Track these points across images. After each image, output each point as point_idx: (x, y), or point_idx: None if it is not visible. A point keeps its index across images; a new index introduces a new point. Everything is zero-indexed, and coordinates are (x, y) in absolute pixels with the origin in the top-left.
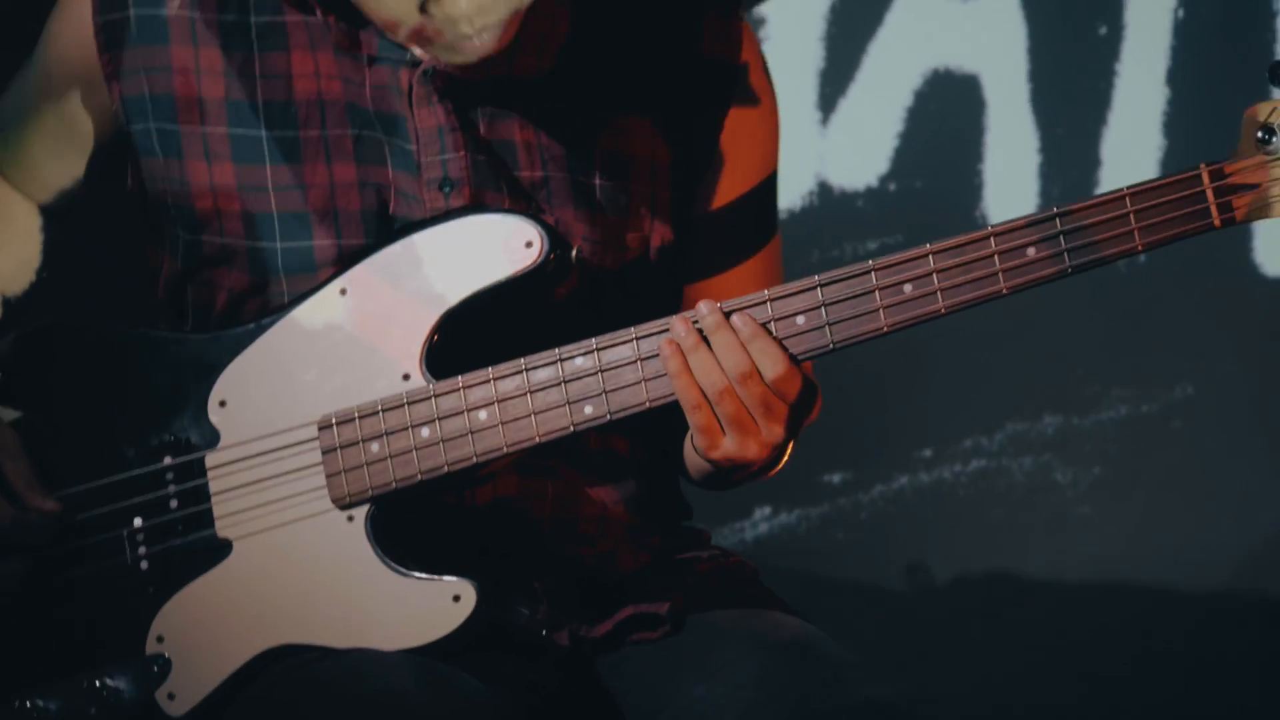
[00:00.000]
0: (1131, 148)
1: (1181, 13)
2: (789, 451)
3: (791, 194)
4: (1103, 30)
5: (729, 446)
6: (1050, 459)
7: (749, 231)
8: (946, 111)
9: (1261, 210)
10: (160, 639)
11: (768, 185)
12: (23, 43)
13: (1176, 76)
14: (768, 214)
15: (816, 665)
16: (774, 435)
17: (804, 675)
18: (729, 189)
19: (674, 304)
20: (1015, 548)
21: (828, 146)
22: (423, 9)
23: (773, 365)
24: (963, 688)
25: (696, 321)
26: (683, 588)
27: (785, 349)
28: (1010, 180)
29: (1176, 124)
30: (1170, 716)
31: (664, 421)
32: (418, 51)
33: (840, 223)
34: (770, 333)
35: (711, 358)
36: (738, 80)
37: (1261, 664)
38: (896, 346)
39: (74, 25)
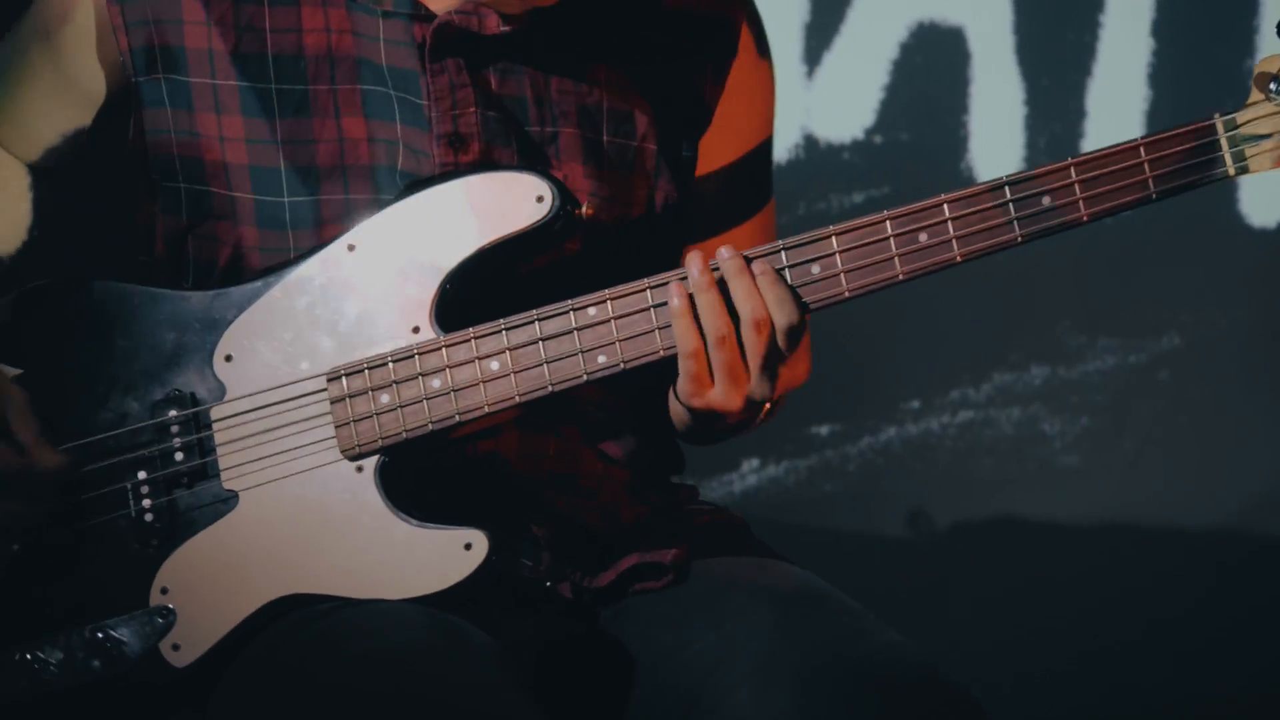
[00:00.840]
0: (1116, 99)
1: None
2: (764, 413)
3: (777, 147)
4: None
5: (714, 396)
6: (1038, 410)
7: (746, 195)
8: (931, 64)
9: (1274, 160)
10: (165, 590)
11: (763, 149)
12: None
13: (1161, 28)
14: (763, 178)
15: (830, 615)
16: (763, 390)
17: (817, 624)
18: (727, 152)
19: (678, 259)
20: (1003, 498)
21: (813, 99)
22: None
23: (788, 314)
24: (950, 638)
25: (715, 266)
26: (685, 538)
27: (800, 300)
28: (995, 132)
29: (1161, 76)
30: (1157, 662)
31: (651, 375)
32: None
33: (826, 175)
34: (787, 282)
35: (719, 302)
36: (734, 42)
37: (1249, 610)
38: (883, 298)
39: None
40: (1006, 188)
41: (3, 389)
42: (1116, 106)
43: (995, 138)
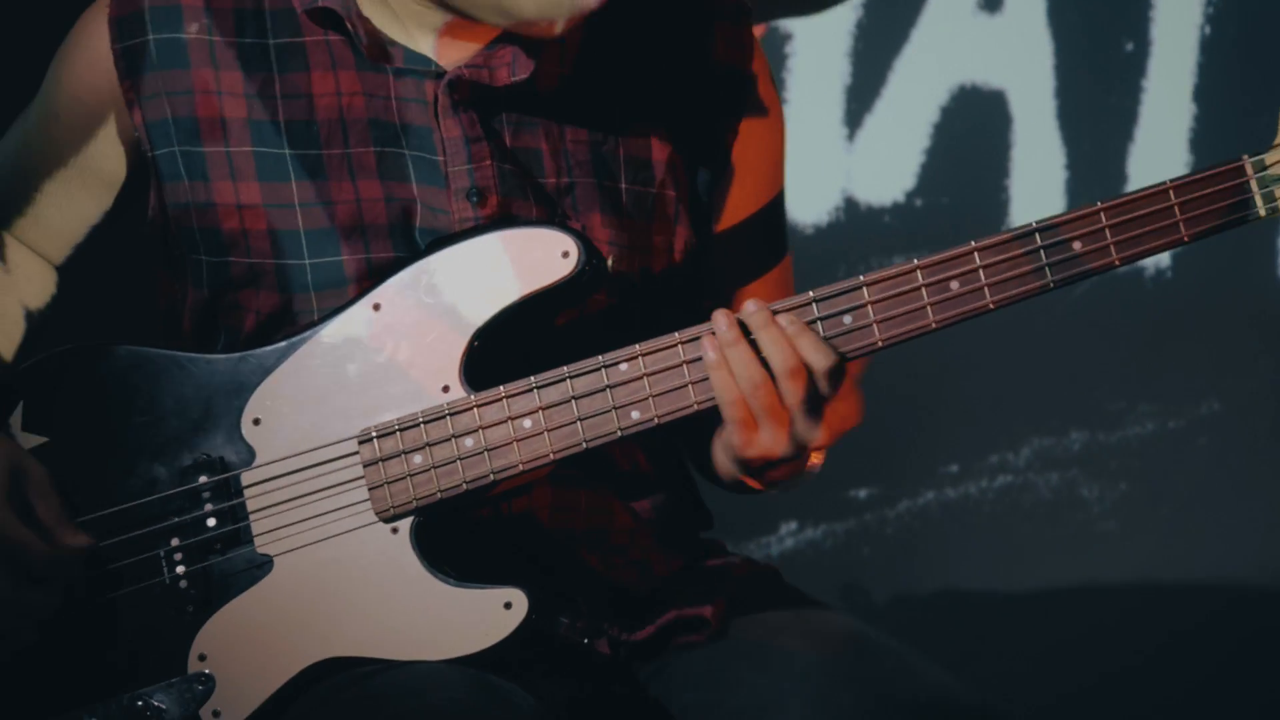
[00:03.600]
0: (1158, 164)
1: (1208, 29)
2: (816, 462)
3: (818, 210)
4: (1129, 47)
5: (764, 442)
6: (1076, 475)
7: (762, 249)
8: (973, 128)
9: None
10: (203, 657)
11: (778, 202)
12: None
13: (1203, 93)
14: (779, 231)
15: (879, 654)
16: (812, 435)
17: (869, 663)
18: (742, 205)
19: (702, 307)
20: (1041, 564)
21: (854, 163)
22: None
23: (823, 359)
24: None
25: (741, 320)
26: (722, 592)
27: (833, 346)
28: (1036, 196)
29: (1203, 140)
30: None
31: (692, 429)
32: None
33: (867, 239)
34: (817, 331)
35: (749, 352)
36: (748, 90)
37: None
38: (923, 361)
39: (89, 57)
40: (1037, 234)
41: (24, 466)
42: (1158, 171)
43: (1036, 202)
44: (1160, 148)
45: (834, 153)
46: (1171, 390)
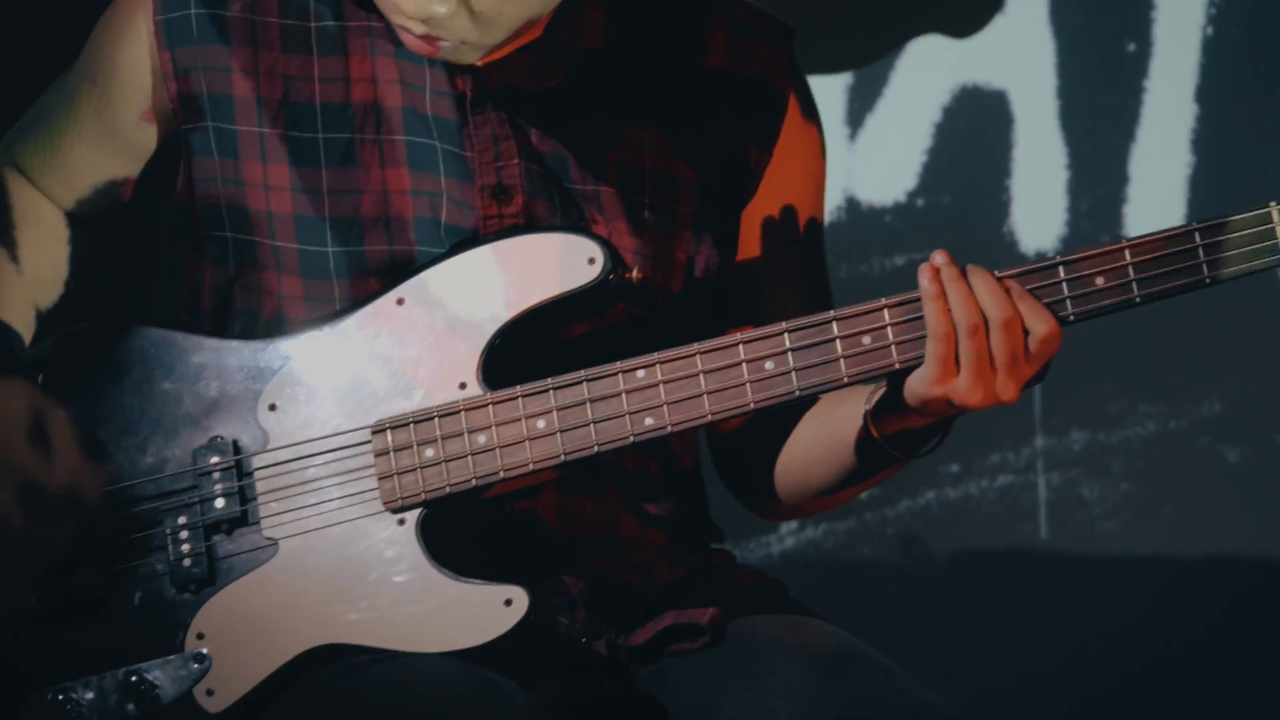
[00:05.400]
0: (1160, 165)
1: (1210, 30)
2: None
3: None
4: (1131, 47)
5: (958, 386)
6: (1078, 475)
7: (801, 265)
8: (975, 127)
9: None
10: (201, 636)
11: (816, 218)
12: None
13: (1205, 94)
14: (818, 247)
15: (868, 672)
16: (1006, 392)
17: (857, 681)
18: (777, 222)
19: (720, 324)
20: (1042, 564)
21: (856, 161)
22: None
23: (1042, 323)
24: (987, 704)
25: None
26: (722, 601)
27: (1052, 310)
28: (1039, 196)
29: (1205, 141)
30: None
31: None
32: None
33: (868, 238)
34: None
35: (969, 294)
36: (784, 106)
37: None
38: None
39: (131, 25)
40: (1060, 267)
41: (52, 415)
42: (1160, 172)
43: (1038, 202)
44: (1162, 148)
45: (835, 152)
46: (1173, 390)
